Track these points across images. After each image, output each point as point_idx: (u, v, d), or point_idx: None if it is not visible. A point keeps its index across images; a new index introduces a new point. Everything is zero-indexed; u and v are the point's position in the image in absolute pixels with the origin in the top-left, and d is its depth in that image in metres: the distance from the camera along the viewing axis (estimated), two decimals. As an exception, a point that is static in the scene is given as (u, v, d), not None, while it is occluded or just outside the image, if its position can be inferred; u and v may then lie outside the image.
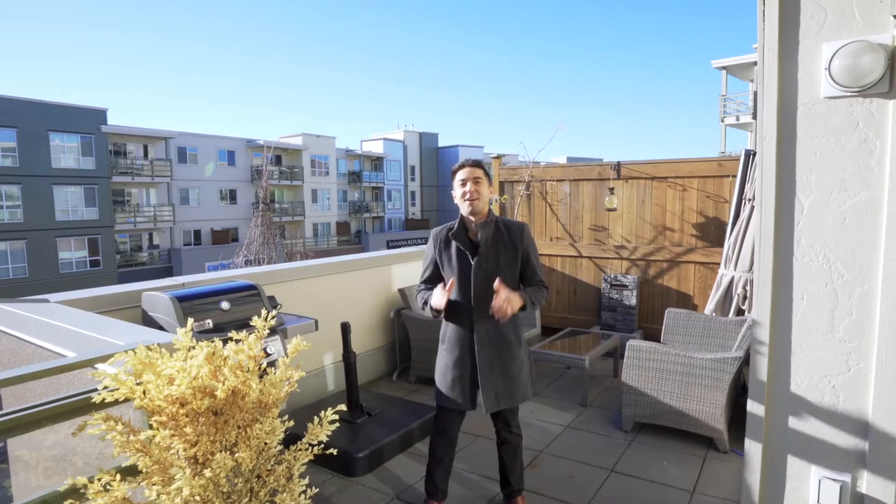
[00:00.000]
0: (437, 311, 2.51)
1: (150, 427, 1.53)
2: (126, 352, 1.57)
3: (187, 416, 1.49)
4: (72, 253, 26.36)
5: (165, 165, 29.52)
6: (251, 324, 1.85)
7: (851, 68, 1.82)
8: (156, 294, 2.89)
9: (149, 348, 1.65)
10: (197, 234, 31.85)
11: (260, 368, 1.76)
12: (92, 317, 2.47)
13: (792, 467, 2.10)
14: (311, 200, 36.98)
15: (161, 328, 2.87)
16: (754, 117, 23.14)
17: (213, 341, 1.70)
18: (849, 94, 1.86)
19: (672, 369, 3.49)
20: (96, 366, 1.75)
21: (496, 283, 2.39)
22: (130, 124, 29.43)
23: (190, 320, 1.72)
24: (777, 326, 2.08)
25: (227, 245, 27.55)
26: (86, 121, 26.14)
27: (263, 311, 1.89)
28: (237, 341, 1.78)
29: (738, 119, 24.26)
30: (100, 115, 26.81)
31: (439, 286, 2.51)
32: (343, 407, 1.86)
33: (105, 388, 1.42)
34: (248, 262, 15.79)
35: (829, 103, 1.91)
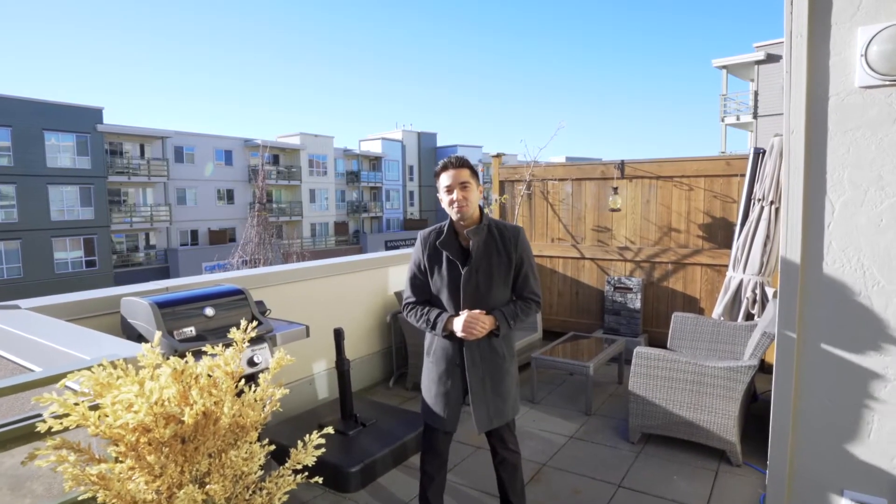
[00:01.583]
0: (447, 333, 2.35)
1: (115, 458, 1.36)
2: (83, 370, 1.40)
3: (150, 445, 1.31)
4: (67, 253, 26.12)
5: (162, 165, 29.27)
6: (228, 335, 1.68)
7: (891, 54, 1.66)
8: (135, 300, 2.72)
9: (113, 365, 1.47)
10: (194, 234, 31.61)
11: (237, 386, 1.58)
12: (62, 326, 2.29)
13: (820, 490, 1.93)
14: (308, 200, 36.74)
15: (141, 336, 2.70)
16: (755, 117, 23.06)
17: (184, 355, 1.53)
18: (888, 82, 1.69)
19: (682, 378, 3.32)
20: (62, 382, 1.58)
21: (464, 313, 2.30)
22: (127, 123, 29.17)
23: (157, 334, 1.55)
24: (804, 338, 1.91)
25: (225, 245, 27.34)
26: (82, 120, 25.90)
27: (243, 322, 1.71)
28: (213, 355, 1.61)
29: (738, 119, 24.11)
30: (96, 115, 26.57)
31: (468, 314, 2.29)
32: (330, 430, 1.69)
33: (52, 414, 1.24)
34: (244, 263, 15.62)
35: (865, 93, 1.74)
